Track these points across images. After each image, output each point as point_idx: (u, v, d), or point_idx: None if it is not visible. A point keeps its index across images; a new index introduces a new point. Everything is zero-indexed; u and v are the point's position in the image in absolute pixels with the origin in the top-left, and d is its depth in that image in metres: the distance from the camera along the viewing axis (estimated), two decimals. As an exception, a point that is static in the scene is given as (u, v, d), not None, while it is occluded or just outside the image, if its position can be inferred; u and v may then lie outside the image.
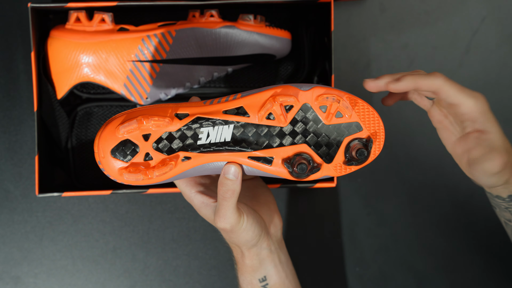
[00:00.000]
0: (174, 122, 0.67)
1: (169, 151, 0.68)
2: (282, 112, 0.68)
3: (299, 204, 1.03)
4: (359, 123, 0.68)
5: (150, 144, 0.68)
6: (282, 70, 0.96)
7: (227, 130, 0.68)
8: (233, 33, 0.89)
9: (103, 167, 0.68)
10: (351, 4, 1.01)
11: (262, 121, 0.68)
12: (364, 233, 1.03)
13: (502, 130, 0.70)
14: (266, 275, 0.79)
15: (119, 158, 0.67)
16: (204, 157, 0.68)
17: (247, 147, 0.68)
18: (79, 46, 0.88)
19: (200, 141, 0.68)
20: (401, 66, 1.02)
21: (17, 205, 0.99)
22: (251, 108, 0.68)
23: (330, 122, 0.68)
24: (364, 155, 0.68)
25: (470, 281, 1.04)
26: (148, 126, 0.67)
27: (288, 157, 0.69)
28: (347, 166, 0.69)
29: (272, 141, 0.68)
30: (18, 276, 1.00)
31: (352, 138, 0.68)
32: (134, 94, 0.91)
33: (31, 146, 0.98)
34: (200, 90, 0.95)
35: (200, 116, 0.68)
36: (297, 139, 0.68)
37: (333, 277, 1.04)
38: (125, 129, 0.67)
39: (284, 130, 0.68)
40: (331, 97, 0.67)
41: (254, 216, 0.75)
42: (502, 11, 1.02)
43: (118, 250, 1.01)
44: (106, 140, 0.67)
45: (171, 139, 0.68)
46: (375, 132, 0.69)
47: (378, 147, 0.69)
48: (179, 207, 1.01)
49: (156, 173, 0.67)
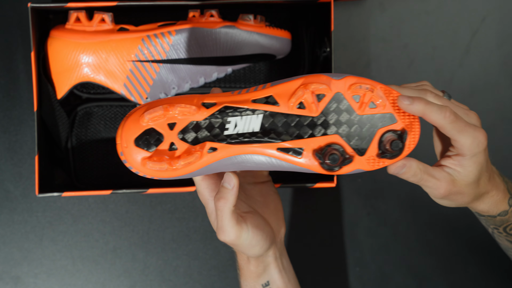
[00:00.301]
0: (201, 110, 0.64)
1: (195, 141, 0.65)
2: (314, 100, 0.65)
3: (299, 204, 1.03)
4: (393, 114, 0.66)
5: (176, 133, 0.64)
6: (282, 70, 0.96)
7: (256, 120, 0.65)
8: (233, 33, 0.89)
9: (125, 158, 0.65)
10: (351, 4, 1.01)
11: (292, 110, 0.65)
12: (364, 233, 1.03)
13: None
14: (269, 280, 0.79)
15: (142, 148, 0.64)
16: (231, 148, 0.65)
17: (277, 138, 0.65)
18: (79, 46, 0.88)
19: (227, 131, 0.65)
20: (401, 66, 1.02)
21: (17, 205, 0.99)
22: (281, 97, 0.65)
23: (363, 113, 0.65)
24: (399, 147, 0.65)
25: (470, 281, 1.04)
26: (173, 114, 0.64)
27: (319, 147, 0.65)
28: (380, 159, 0.66)
29: (303, 131, 0.65)
30: (18, 276, 1.00)
31: (386, 130, 0.65)
32: (134, 94, 0.91)
33: (31, 146, 0.98)
34: (200, 90, 0.95)
35: (228, 105, 0.65)
36: (328, 130, 0.65)
37: (333, 277, 1.04)
38: (150, 116, 0.64)
39: (315, 120, 0.65)
40: (365, 86, 0.65)
41: (264, 230, 0.74)
42: (502, 11, 1.02)
43: (118, 250, 1.01)
44: (129, 128, 0.64)
45: (197, 128, 0.64)
46: (410, 124, 0.66)
47: (413, 141, 0.66)
48: (179, 207, 1.01)
49: (182, 162, 0.64)
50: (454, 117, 0.66)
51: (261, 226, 0.74)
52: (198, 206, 1.01)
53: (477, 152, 0.68)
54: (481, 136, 0.68)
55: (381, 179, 1.02)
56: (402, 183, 1.02)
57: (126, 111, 0.95)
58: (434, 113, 0.66)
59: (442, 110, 0.66)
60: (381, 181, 1.03)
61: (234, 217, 0.70)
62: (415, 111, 0.66)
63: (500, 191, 0.74)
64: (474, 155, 0.68)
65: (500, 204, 0.75)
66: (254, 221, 0.73)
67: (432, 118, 0.66)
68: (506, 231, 0.80)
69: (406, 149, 0.66)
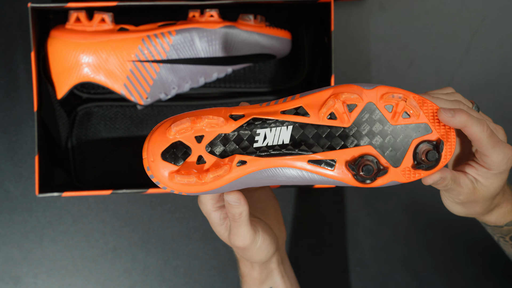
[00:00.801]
0: (229, 123, 0.63)
1: (223, 154, 0.63)
2: (345, 110, 0.63)
3: (300, 204, 1.03)
4: (428, 124, 0.63)
5: (203, 146, 0.63)
6: (282, 70, 0.96)
7: (286, 132, 0.63)
8: (233, 33, 0.89)
9: (152, 173, 0.63)
10: (351, 4, 1.01)
11: (323, 121, 0.63)
12: (364, 233, 1.03)
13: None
14: (272, 286, 0.79)
15: (170, 162, 0.63)
16: (261, 161, 0.63)
17: (308, 150, 0.63)
18: (79, 46, 0.88)
19: (256, 143, 0.63)
20: (401, 66, 1.02)
21: (17, 205, 0.99)
22: (312, 107, 0.63)
23: (397, 123, 0.63)
24: (435, 157, 0.63)
25: (470, 281, 1.04)
26: (201, 126, 0.62)
27: (352, 159, 0.63)
28: (416, 170, 0.64)
29: (335, 142, 0.63)
30: (18, 276, 1.00)
31: (421, 140, 0.63)
32: (134, 94, 0.91)
33: (31, 146, 0.98)
34: (200, 90, 0.95)
35: (257, 117, 0.63)
36: (361, 141, 0.63)
37: (333, 277, 1.04)
38: (177, 128, 0.62)
39: (347, 131, 0.63)
40: (397, 95, 0.63)
41: (271, 235, 0.74)
42: (502, 11, 1.02)
43: (118, 250, 1.01)
44: (156, 142, 0.63)
45: (226, 141, 0.63)
46: (446, 134, 0.64)
47: (449, 151, 0.64)
48: (179, 207, 1.01)
49: (210, 176, 0.62)
50: (491, 132, 0.65)
51: (268, 231, 0.74)
52: (198, 206, 1.01)
53: (504, 169, 0.67)
54: (510, 153, 0.67)
55: (381, 179, 1.02)
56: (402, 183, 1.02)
57: (126, 111, 0.95)
58: (475, 126, 0.64)
59: (481, 123, 0.64)
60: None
61: (249, 224, 0.70)
62: (457, 124, 0.64)
63: (508, 201, 0.74)
64: (500, 172, 0.67)
65: (508, 214, 0.74)
66: (263, 226, 0.74)
67: (472, 131, 0.64)
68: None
69: (443, 160, 0.64)
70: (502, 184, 0.69)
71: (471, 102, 0.71)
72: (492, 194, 0.69)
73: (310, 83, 0.96)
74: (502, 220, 0.75)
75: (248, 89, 0.96)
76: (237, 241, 0.71)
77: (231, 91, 0.96)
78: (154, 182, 0.64)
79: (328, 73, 0.90)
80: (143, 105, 0.92)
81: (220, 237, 0.74)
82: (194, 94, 0.96)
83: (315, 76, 0.95)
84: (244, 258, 0.77)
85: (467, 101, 0.71)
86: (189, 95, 0.96)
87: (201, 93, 0.96)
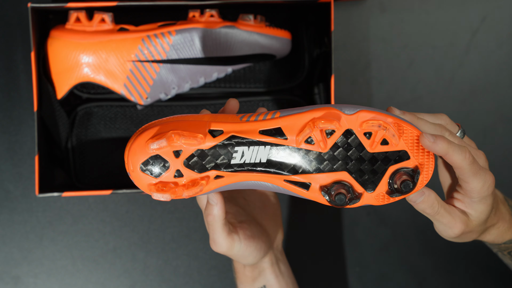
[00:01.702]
0: (208, 139, 0.63)
1: (201, 169, 0.64)
2: (323, 137, 0.63)
3: (299, 204, 1.03)
4: (407, 151, 0.63)
5: (181, 161, 0.64)
6: (282, 70, 0.96)
7: (263, 151, 0.64)
8: (233, 33, 0.89)
9: (133, 179, 0.65)
10: (351, 4, 1.01)
11: (300, 145, 0.64)
12: (364, 233, 1.03)
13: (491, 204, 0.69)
14: (265, 285, 0.79)
15: (148, 174, 0.64)
16: (238, 176, 0.64)
17: (284, 170, 0.64)
18: (79, 46, 0.88)
19: (234, 160, 0.64)
20: (401, 66, 1.02)
21: (17, 205, 0.99)
22: (290, 130, 0.64)
23: (374, 150, 0.63)
24: (409, 187, 0.63)
25: (470, 281, 1.04)
26: (179, 144, 0.63)
27: (326, 184, 0.64)
28: (390, 196, 0.64)
29: (310, 166, 0.64)
30: (18, 276, 1.00)
31: (397, 168, 0.64)
32: (134, 94, 0.91)
33: (31, 146, 0.98)
34: (200, 90, 0.95)
35: (235, 135, 0.64)
36: (337, 166, 0.64)
37: (333, 277, 1.04)
38: (154, 147, 0.63)
39: (323, 156, 0.64)
40: (377, 123, 0.62)
41: (257, 242, 0.74)
42: (502, 11, 1.02)
43: (118, 250, 1.01)
44: (135, 153, 0.64)
45: (204, 156, 0.64)
46: (424, 161, 0.64)
47: (426, 178, 0.64)
48: (179, 207, 1.01)
49: (186, 194, 0.64)
50: (473, 159, 0.65)
51: (255, 236, 0.74)
52: (198, 206, 1.01)
53: (486, 195, 0.67)
54: (490, 179, 0.66)
55: (381, 179, 1.02)
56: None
57: (126, 111, 0.95)
58: (456, 153, 0.64)
59: (463, 151, 0.64)
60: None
61: (226, 230, 0.70)
62: (438, 151, 0.63)
63: (505, 221, 0.73)
64: (483, 198, 0.67)
65: (506, 233, 0.74)
66: (248, 231, 0.74)
67: (453, 159, 0.64)
68: (511, 255, 0.80)
69: (418, 186, 0.64)
70: (489, 209, 0.69)
71: (458, 126, 0.71)
72: (483, 220, 0.69)
73: (310, 83, 0.96)
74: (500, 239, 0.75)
75: (248, 89, 0.96)
76: (215, 247, 0.71)
77: (231, 91, 0.96)
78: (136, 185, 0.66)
79: (328, 73, 0.90)
80: (143, 105, 0.92)
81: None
82: (194, 94, 0.96)
83: (315, 76, 0.95)
84: None
85: (454, 125, 0.70)
86: (189, 95, 0.96)
87: (201, 93, 0.96)
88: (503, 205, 0.74)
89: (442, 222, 0.68)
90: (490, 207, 0.69)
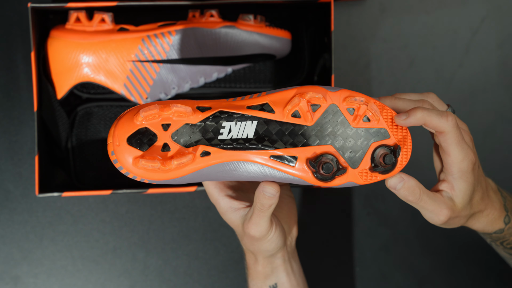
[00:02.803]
0: (196, 114, 0.64)
1: (188, 144, 0.64)
2: (309, 109, 0.65)
3: (299, 204, 1.03)
4: (387, 129, 0.66)
5: (169, 134, 0.64)
6: (282, 70, 0.96)
7: (250, 126, 0.65)
8: (233, 33, 0.89)
9: (116, 157, 0.64)
10: (351, 4, 1.01)
11: (287, 118, 0.65)
12: (364, 233, 1.03)
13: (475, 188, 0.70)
14: (277, 283, 0.79)
15: (135, 147, 0.64)
16: (225, 154, 0.65)
17: (271, 146, 0.65)
18: (79, 46, 0.88)
19: (221, 136, 0.65)
20: (401, 66, 1.02)
21: (17, 205, 0.99)
22: (277, 105, 0.65)
23: (357, 126, 0.66)
24: (392, 161, 0.65)
25: (470, 281, 1.04)
26: (168, 115, 0.64)
27: (313, 157, 0.65)
28: (373, 173, 0.66)
29: (297, 140, 0.65)
30: (18, 276, 1.00)
31: (379, 144, 0.66)
32: (134, 94, 0.91)
33: (31, 146, 0.98)
34: (200, 90, 0.95)
35: (223, 110, 0.65)
36: (322, 140, 0.66)
37: (333, 277, 1.04)
38: (145, 113, 0.63)
39: (309, 130, 0.65)
40: (360, 98, 0.65)
41: (281, 228, 0.75)
42: (502, 11, 1.02)
43: (118, 250, 1.01)
44: (123, 127, 0.64)
45: (191, 131, 0.64)
46: (403, 139, 0.66)
47: (405, 157, 0.66)
48: (179, 207, 1.01)
49: (175, 162, 0.63)
50: (456, 124, 0.65)
51: (279, 224, 0.75)
52: (198, 206, 1.01)
53: (466, 170, 0.67)
54: (471, 156, 0.67)
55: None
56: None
57: (126, 111, 0.95)
58: (435, 117, 0.65)
59: (443, 114, 0.65)
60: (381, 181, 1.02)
61: (271, 216, 0.71)
62: (414, 122, 0.65)
63: (495, 209, 0.73)
64: (463, 174, 0.67)
65: (496, 222, 0.74)
66: (276, 219, 0.74)
67: (433, 123, 0.65)
68: (503, 245, 0.80)
69: (399, 165, 0.66)
70: (470, 188, 0.68)
71: (447, 105, 0.71)
72: (466, 201, 0.69)
73: (310, 83, 0.96)
74: (490, 228, 0.75)
75: (248, 89, 0.96)
76: (255, 230, 0.71)
77: (231, 91, 0.96)
78: (117, 167, 0.65)
79: (328, 73, 0.90)
80: (143, 105, 0.92)
81: (230, 224, 0.74)
82: (194, 94, 0.96)
83: (315, 76, 0.95)
84: (249, 250, 0.77)
85: (442, 104, 0.71)
86: (189, 95, 0.96)
87: (201, 93, 0.96)
88: (495, 193, 0.74)
89: (428, 209, 0.68)
90: (471, 186, 0.68)
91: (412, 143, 0.66)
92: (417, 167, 1.02)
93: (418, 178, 0.68)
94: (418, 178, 0.68)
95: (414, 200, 0.68)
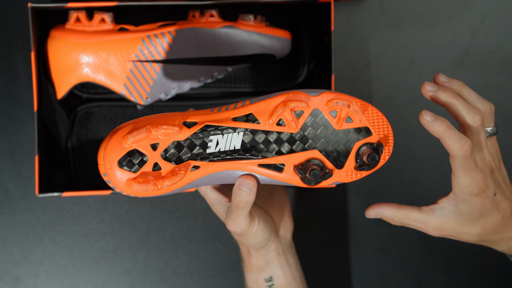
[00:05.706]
0: (183, 130, 0.66)
1: (178, 161, 0.66)
2: (293, 118, 0.67)
3: (299, 204, 1.03)
4: (369, 127, 0.68)
5: (159, 154, 0.66)
6: (282, 70, 0.96)
7: (237, 138, 0.67)
8: (233, 33, 0.89)
9: (109, 179, 0.66)
10: (351, 4, 1.01)
11: (272, 127, 0.67)
12: (364, 233, 1.03)
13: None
14: (272, 276, 0.79)
15: (126, 169, 0.66)
16: (214, 166, 0.67)
17: (258, 155, 0.67)
18: (79, 46, 0.88)
19: (209, 149, 0.67)
20: (401, 66, 1.02)
21: (17, 205, 0.99)
22: (261, 115, 0.67)
23: (341, 128, 0.68)
24: (375, 159, 0.67)
25: (470, 281, 1.04)
26: (156, 135, 0.66)
27: (300, 163, 0.68)
28: (358, 171, 0.68)
29: (283, 147, 0.67)
30: (18, 276, 1.00)
31: (362, 143, 0.68)
32: (134, 94, 0.91)
33: (31, 146, 0.98)
34: (200, 90, 0.95)
35: (209, 124, 0.67)
36: (308, 145, 0.67)
37: (333, 277, 1.04)
38: (133, 139, 0.65)
39: (294, 136, 0.67)
40: (341, 102, 0.67)
41: (266, 220, 0.75)
42: (502, 11, 1.02)
43: (118, 250, 1.01)
44: (112, 150, 0.66)
45: (180, 148, 0.66)
46: (385, 136, 0.68)
47: (387, 152, 0.68)
48: (179, 207, 1.01)
49: (167, 183, 0.66)
50: (470, 153, 0.64)
51: (264, 216, 0.75)
52: (198, 206, 1.01)
53: (470, 195, 0.67)
54: (481, 182, 0.66)
55: (381, 179, 1.02)
56: (402, 183, 1.02)
57: (126, 111, 0.95)
58: (452, 140, 0.64)
59: (462, 141, 0.64)
60: (381, 181, 1.03)
61: (249, 212, 0.72)
62: (432, 131, 0.65)
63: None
64: (466, 197, 0.67)
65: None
66: (259, 212, 0.75)
67: (448, 145, 0.65)
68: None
69: (382, 161, 0.68)
70: (474, 212, 0.68)
71: (494, 125, 0.71)
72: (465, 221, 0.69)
73: (310, 83, 0.96)
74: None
75: (248, 89, 0.96)
76: (234, 227, 0.72)
77: (231, 91, 0.96)
78: (111, 187, 0.66)
79: (328, 73, 0.90)
80: (143, 105, 0.92)
81: (218, 216, 0.76)
82: (194, 94, 0.96)
83: (315, 76, 0.95)
84: (239, 242, 0.78)
85: (491, 119, 0.70)
86: (189, 95, 0.96)
87: (201, 93, 0.96)
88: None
89: (415, 226, 0.71)
90: (476, 210, 0.68)
91: (393, 139, 0.68)
92: (417, 167, 1.02)
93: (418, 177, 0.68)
94: (418, 178, 0.68)
95: (398, 225, 0.71)
